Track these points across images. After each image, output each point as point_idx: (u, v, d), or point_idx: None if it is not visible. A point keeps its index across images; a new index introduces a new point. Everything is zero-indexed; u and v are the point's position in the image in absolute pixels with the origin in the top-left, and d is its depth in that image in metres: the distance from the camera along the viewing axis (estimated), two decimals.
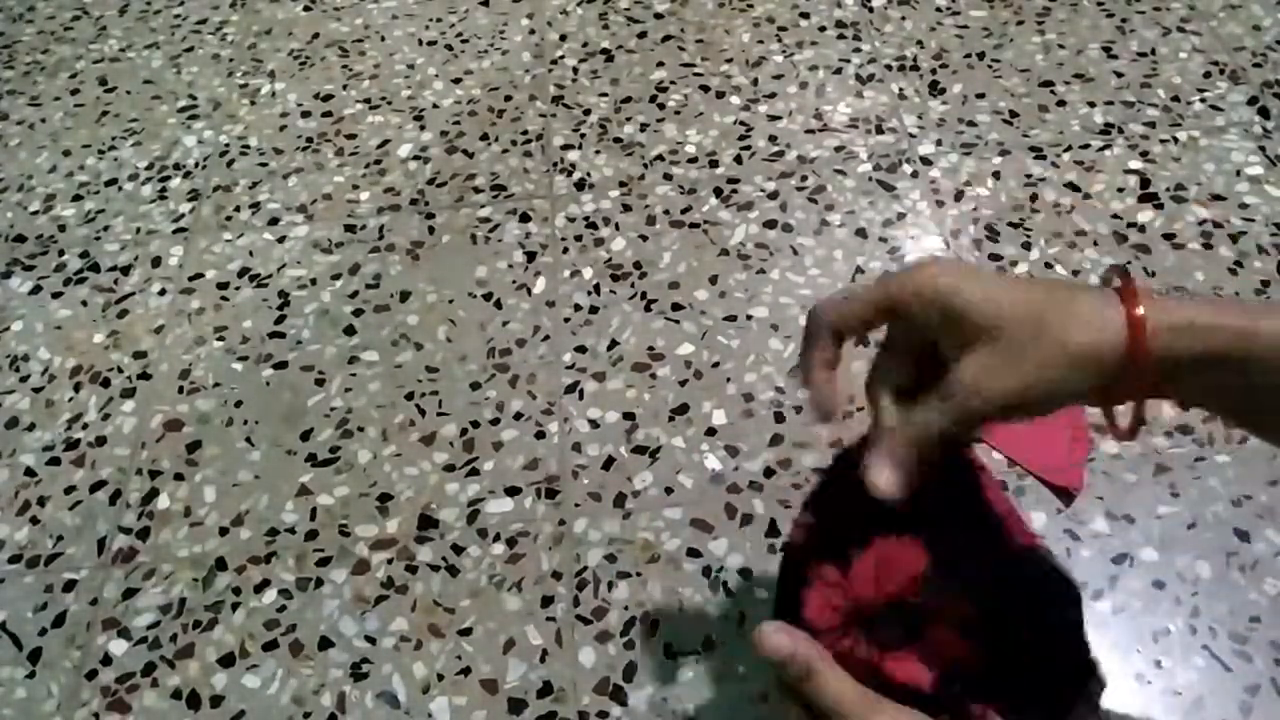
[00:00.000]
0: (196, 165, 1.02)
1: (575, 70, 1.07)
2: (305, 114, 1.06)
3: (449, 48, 1.12)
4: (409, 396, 0.81)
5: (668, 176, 0.96)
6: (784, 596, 0.47)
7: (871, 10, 1.10)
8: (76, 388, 0.84)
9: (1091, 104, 0.98)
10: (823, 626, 0.43)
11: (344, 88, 1.09)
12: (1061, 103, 0.98)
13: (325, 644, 0.68)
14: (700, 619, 0.68)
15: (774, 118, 1.00)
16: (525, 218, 0.93)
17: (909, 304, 0.39)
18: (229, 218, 0.97)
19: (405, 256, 0.92)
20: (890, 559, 0.43)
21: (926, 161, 0.95)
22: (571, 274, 0.89)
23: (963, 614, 0.41)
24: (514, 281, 0.89)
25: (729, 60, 1.06)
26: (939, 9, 1.10)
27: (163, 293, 0.91)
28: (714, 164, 0.96)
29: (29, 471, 0.79)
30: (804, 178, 0.94)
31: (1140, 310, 0.35)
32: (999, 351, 0.37)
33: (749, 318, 0.84)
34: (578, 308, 0.86)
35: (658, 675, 0.65)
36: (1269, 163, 0.91)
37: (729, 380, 0.80)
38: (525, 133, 1.01)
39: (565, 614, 0.69)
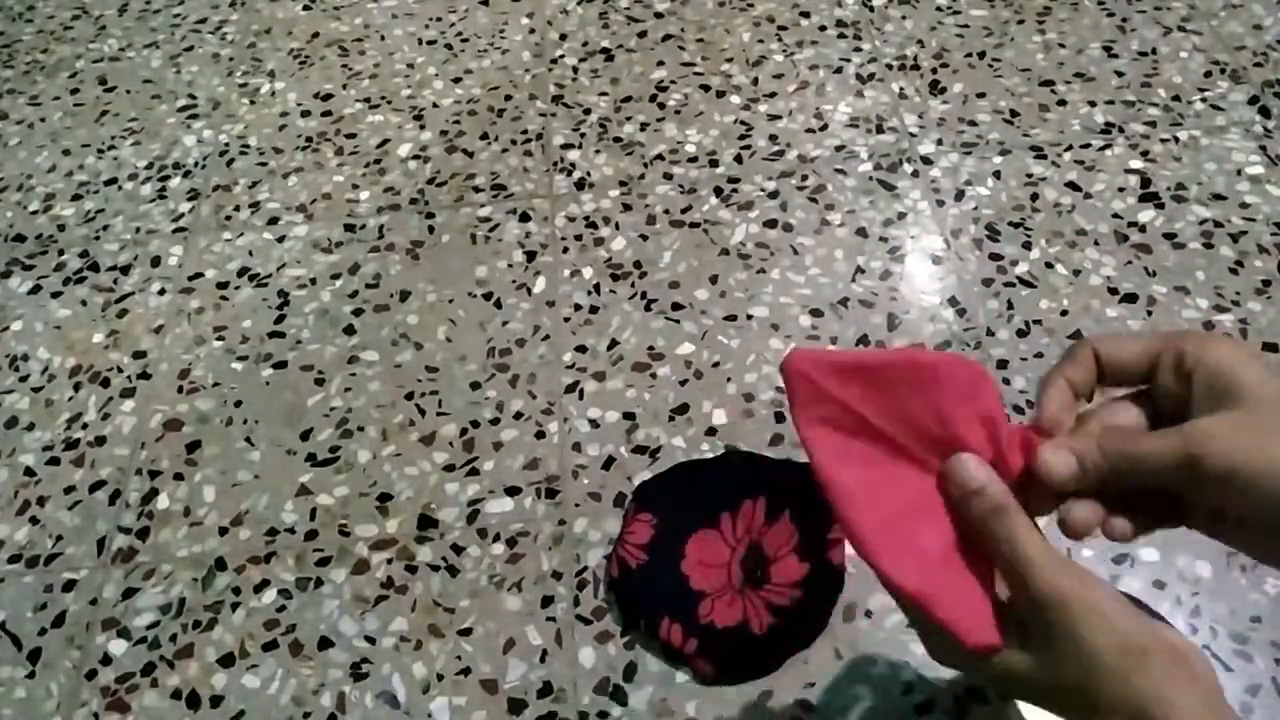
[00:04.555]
0: (196, 165, 1.02)
1: (575, 70, 1.07)
2: (305, 113, 1.06)
3: (449, 47, 1.12)
4: (409, 396, 0.81)
5: (668, 176, 0.95)
6: (660, 577, 0.67)
7: (872, 9, 1.10)
8: (76, 387, 0.84)
9: (1092, 103, 0.98)
10: (711, 589, 0.67)
11: (344, 87, 1.08)
12: (1062, 102, 0.98)
13: (325, 644, 0.68)
14: None
15: (774, 117, 1.00)
16: (525, 217, 0.93)
17: (1181, 352, 0.37)
18: (229, 217, 0.97)
19: (405, 256, 0.92)
20: (735, 524, 0.70)
21: (927, 161, 0.94)
22: (571, 274, 0.88)
23: (790, 539, 0.68)
24: (514, 281, 0.89)
25: (729, 60, 1.06)
26: (939, 8, 1.09)
27: (162, 292, 0.91)
28: (714, 163, 0.96)
29: (29, 471, 0.79)
30: (804, 177, 0.94)
31: None
32: (1253, 419, 0.35)
33: (749, 317, 0.84)
34: (578, 307, 0.86)
35: (658, 675, 0.65)
36: (1270, 162, 0.91)
37: (729, 380, 0.80)
38: (525, 132, 1.01)
39: (565, 614, 0.68)
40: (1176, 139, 0.94)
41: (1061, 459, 0.36)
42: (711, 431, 0.77)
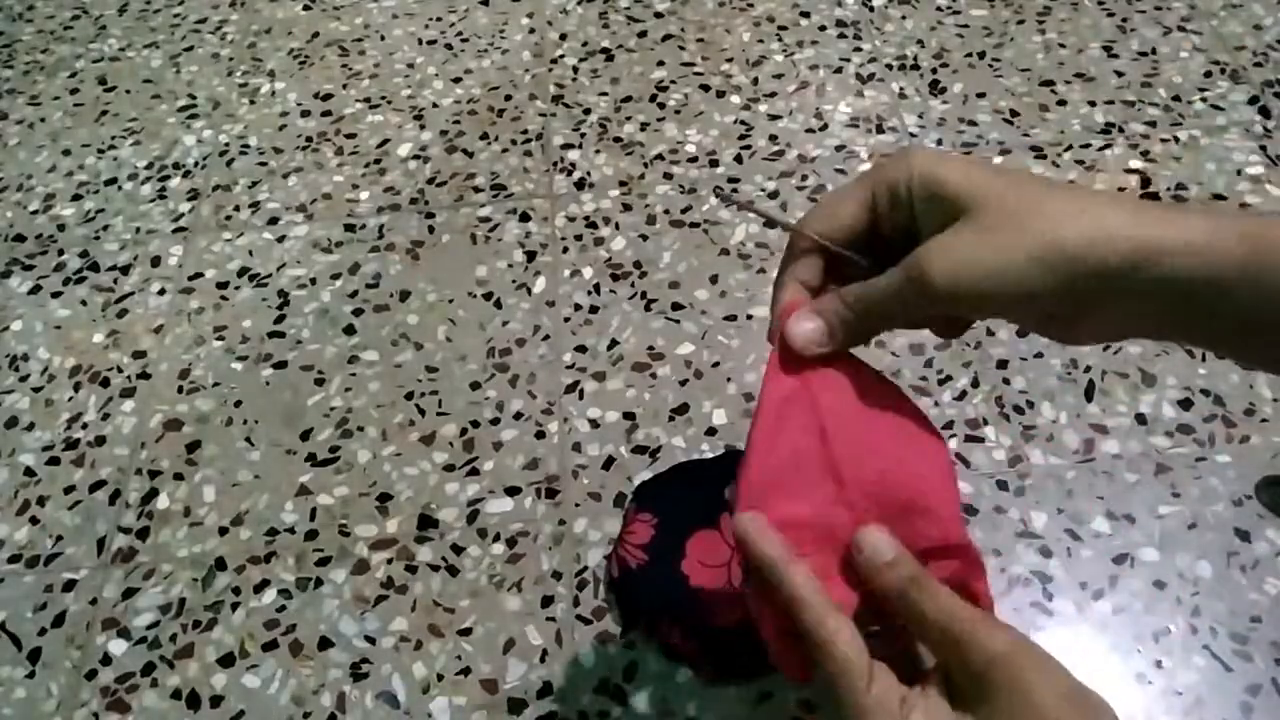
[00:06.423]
0: (196, 165, 1.02)
1: (575, 70, 1.07)
2: (305, 113, 1.06)
3: (449, 47, 1.12)
4: (409, 396, 0.81)
5: (668, 176, 0.95)
6: (660, 577, 0.67)
7: (872, 9, 1.10)
8: (76, 387, 0.84)
9: (1092, 103, 0.98)
10: (711, 589, 0.65)
11: (344, 87, 1.08)
12: (1062, 102, 0.98)
13: (325, 644, 0.68)
14: None
15: (774, 117, 1.00)
16: (525, 217, 0.93)
17: (888, 191, 0.35)
18: (229, 217, 0.97)
19: (405, 256, 0.92)
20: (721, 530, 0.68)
21: None
22: (571, 274, 0.88)
23: None
24: (514, 281, 0.89)
25: (729, 60, 1.06)
26: (939, 8, 1.09)
27: (162, 292, 0.91)
28: (714, 163, 0.96)
29: (29, 471, 0.79)
30: (804, 177, 0.94)
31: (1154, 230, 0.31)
32: (972, 228, 0.33)
33: (749, 317, 0.84)
34: (578, 307, 0.86)
35: (658, 675, 0.65)
36: (1270, 162, 0.91)
37: (729, 380, 0.80)
38: (525, 132, 1.01)
39: (565, 614, 0.68)
40: (1176, 139, 0.94)
41: (806, 321, 0.36)
42: (711, 431, 0.77)
